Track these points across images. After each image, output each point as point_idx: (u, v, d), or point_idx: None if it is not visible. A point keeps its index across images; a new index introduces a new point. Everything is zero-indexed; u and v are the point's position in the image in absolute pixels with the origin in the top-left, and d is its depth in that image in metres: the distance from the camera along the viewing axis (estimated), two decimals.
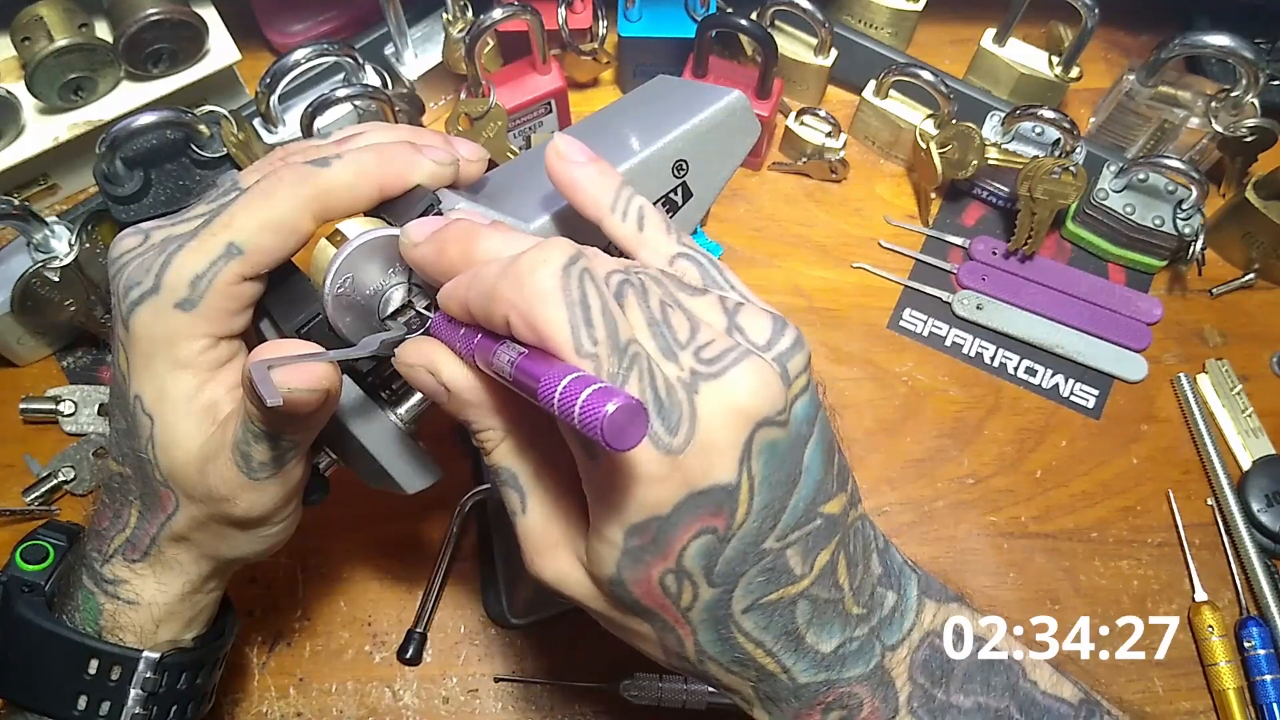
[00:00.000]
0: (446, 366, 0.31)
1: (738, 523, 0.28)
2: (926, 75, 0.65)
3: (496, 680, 0.55)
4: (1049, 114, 0.62)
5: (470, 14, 0.65)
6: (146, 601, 0.39)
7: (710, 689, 0.52)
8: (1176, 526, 0.60)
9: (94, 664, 0.38)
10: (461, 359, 0.31)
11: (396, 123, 0.60)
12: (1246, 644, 0.56)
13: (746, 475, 0.28)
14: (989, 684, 0.34)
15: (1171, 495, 0.61)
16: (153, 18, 0.59)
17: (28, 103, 0.61)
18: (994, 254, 0.68)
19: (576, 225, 0.35)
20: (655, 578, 0.29)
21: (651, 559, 0.28)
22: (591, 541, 0.30)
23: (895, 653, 0.33)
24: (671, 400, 0.27)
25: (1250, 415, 0.63)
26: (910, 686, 0.33)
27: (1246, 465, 0.62)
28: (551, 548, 0.32)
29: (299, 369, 0.31)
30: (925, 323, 0.67)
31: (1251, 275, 0.67)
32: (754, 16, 0.66)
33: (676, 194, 0.40)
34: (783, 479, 0.29)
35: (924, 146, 0.67)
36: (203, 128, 0.57)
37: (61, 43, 0.58)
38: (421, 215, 0.35)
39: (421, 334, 0.34)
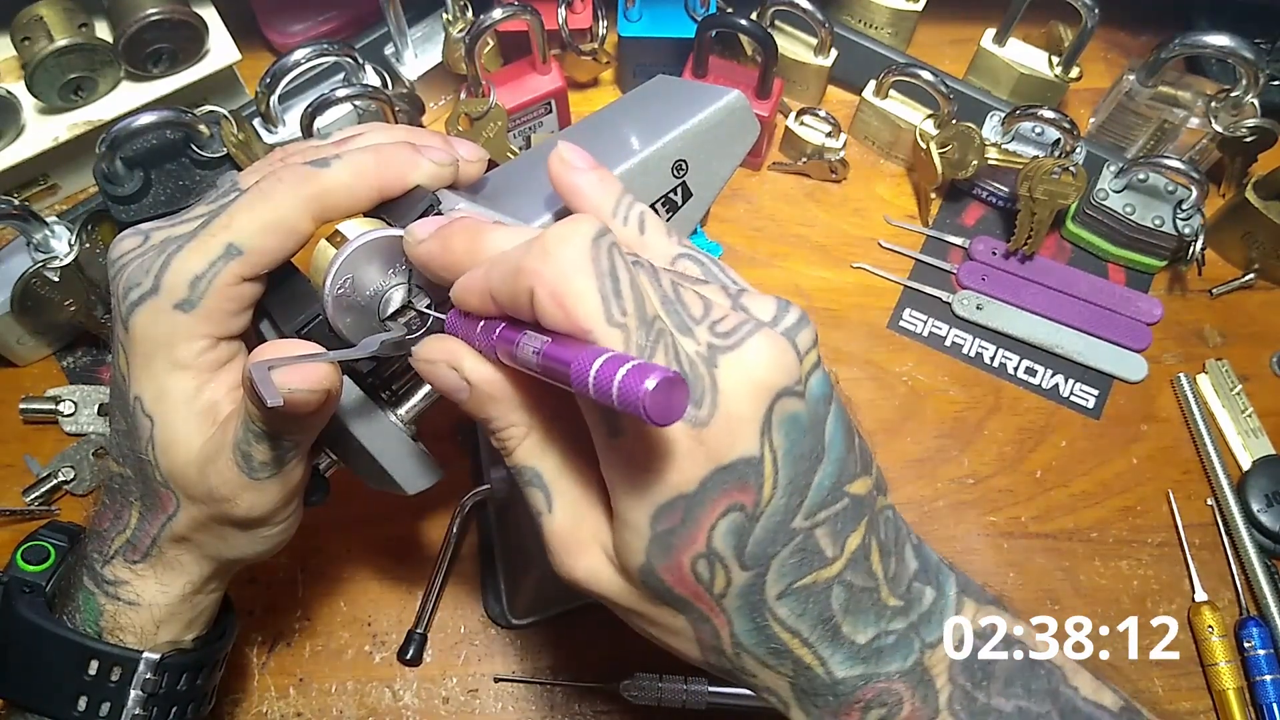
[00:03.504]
0: (469, 361, 0.31)
1: (765, 499, 0.28)
2: (926, 75, 0.65)
3: (496, 680, 0.55)
4: (1049, 114, 0.62)
5: (470, 14, 0.65)
6: (147, 602, 0.39)
7: (711, 688, 0.52)
8: (1176, 526, 0.60)
9: (94, 665, 0.38)
10: (481, 354, 0.31)
11: (396, 123, 0.60)
12: (1246, 644, 0.56)
13: (769, 448, 0.28)
14: (1030, 688, 0.34)
15: (1171, 495, 0.61)
16: (153, 18, 0.59)
17: (28, 103, 0.61)
18: (994, 254, 0.68)
19: None
20: (687, 563, 0.28)
21: (681, 542, 0.28)
22: (617, 530, 0.29)
23: (935, 651, 0.33)
24: (694, 374, 0.27)
25: (1250, 415, 0.63)
26: (951, 687, 0.33)
27: (1246, 465, 0.62)
28: (580, 545, 0.31)
29: (299, 369, 0.31)
30: (925, 323, 0.67)
31: (1251, 275, 0.67)
32: (754, 16, 0.66)
33: (676, 194, 0.40)
34: (805, 453, 0.29)
35: (924, 146, 0.67)
36: (203, 128, 0.57)
37: (61, 43, 0.58)
38: (421, 216, 0.35)
39: (428, 331, 0.34)
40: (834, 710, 0.32)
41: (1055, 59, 0.69)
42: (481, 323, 0.30)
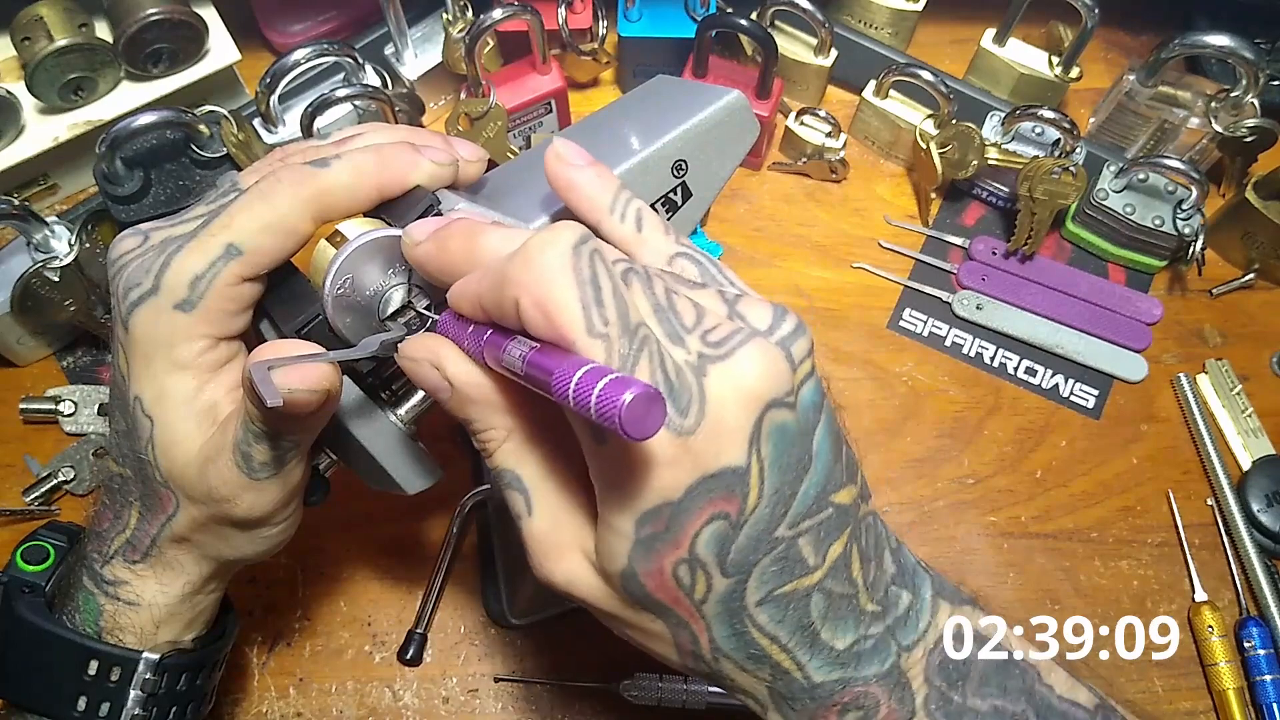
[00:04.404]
0: (452, 361, 0.31)
1: (749, 507, 0.28)
2: (926, 75, 0.65)
3: (496, 680, 0.55)
4: (1049, 114, 0.62)
5: (470, 14, 0.65)
6: (147, 603, 0.39)
7: (711, 688, 0.52)
8: (1176, 526, 0.60)
9: (94, 665, 0.38)
10: (469, 357, 0.31)
11: (396, 123, 0.60)
12: (1246, 644, 0.56)
13: (756, 458, 0.27)
14: (1005, 687, 0.34)
15: (1171, 495, 0.61)
16: (153, 18, 0.59)
17: (28, 103, 0.61)
18: (994, 254, 0.68)
19: None
20: (668, 568, 0.28)
21: (664, 548, 0.28)
22: (601, 534, 0.29)
23: (911, 654, 0.33)
24: (681, 382, 0.27)
25: (1250, 415, 0.63)
26: (927, 688, 0.33)
27: (1246, 465, 0.62)
28: (560, 549, 0.31)
29: (299, 370, 0.31)
30: (925, 323, 0.67)
31: (1251, 275, 0.67)
32: (754, 16, 0.66)
33: (676, 194, 0.40)
34: (792, 464, 0.29)
35: (924, 146, 0.67)
36: (203, 128, 0.57)
37: (61, 43, 0.58)
38: (421, 216, 0.35)
39: (426, 331, 0.34)
40: (811, 713, 0.32)
41: (1055, 59, 0.69)
42: (472, 326, 0.30)
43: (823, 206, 0.71)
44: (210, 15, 0.64)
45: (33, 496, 0.58)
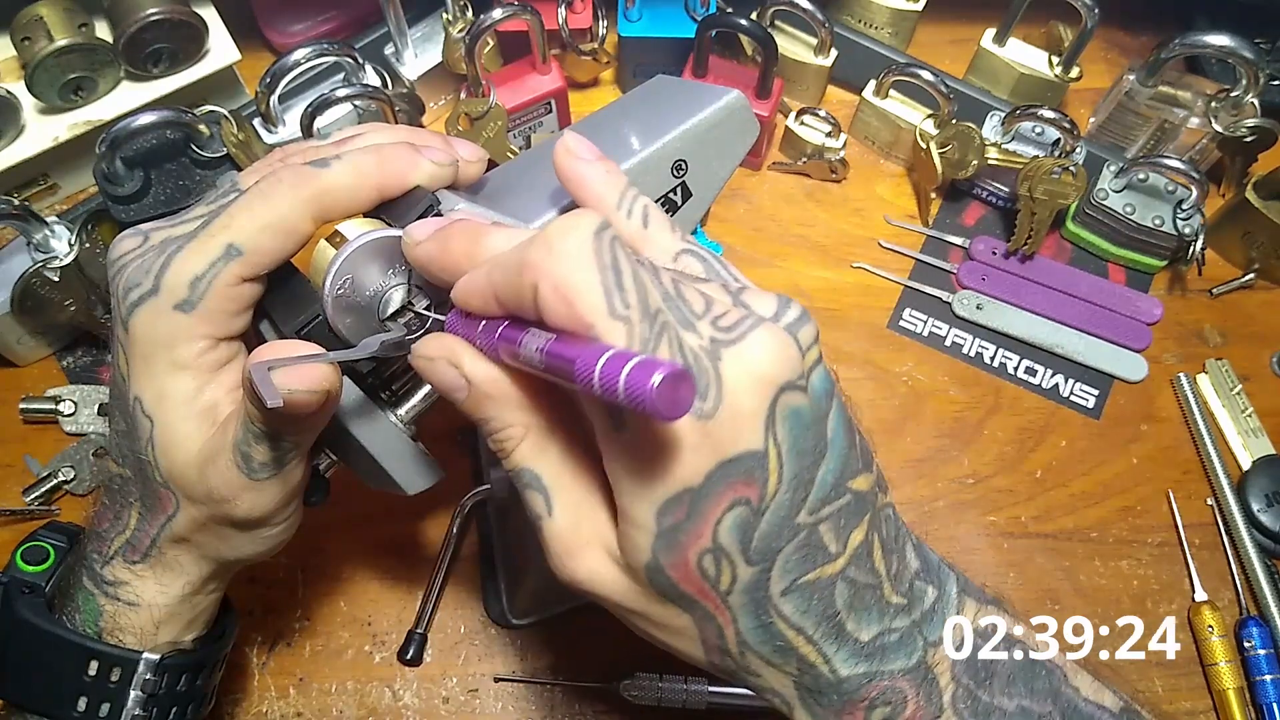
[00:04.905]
0: (469, 359, 0.31)
1: (770, 493, 0.28)
2: (926, 75, 0.65)
3: (496, 680, 0.55)
4: (1049, 114, 0.62)
5: (470, 14, 0.65)
6: (146, 603, 0.39)
7: (711, 688, 0.52)
8: (1176, 526, 0.60)
9: (94, 665, 0.38)
10: (482, 353, 0.31)
11: (396, 123, 0.60)
12: (1246, 644, 0.56)
13: (773, 442, 0.27)
14: (1032, 688, 0.34)
15: (1171, 495, 0.61)
16: (153, 18, 0.59)
17: (28, 103, 0.61)
18: (994, 254, 0.68)
19: None
20: (693, 559, 0.28)
21: (687, 538, 0.28)
22: (623, 528, 0.29)
23: (938, 649, 0.33)
24: (699, 366, 0.27)
25: (1250, 415, 0.63)
26: (954, 686, 0.33)
27: (1246, 465, 0.62)
28: (582, 547, 0.31)
29: (299, 370, 0.31)
30: (925, 323, 0.67)
31: (1251, 275, 0.67)
32: (754, 16, 0.66)
33: (676, 194, 0.40)
34: (809, 448, 0.29)
35: (924, 146, 0.67)
36: (203, 128, 0.57)
37: (61, 43, 0.58)
38: (421, 216, 0.35)
39: (427, 332, 0.34)
40: (838, 709, 0.32)
41: (1055, 59, 0.69)
42: (483, 323, 0.30)
43: (823, 206, 0.71)
44: (210, 15, 0.64)
45: (33, 496, 0.58)
